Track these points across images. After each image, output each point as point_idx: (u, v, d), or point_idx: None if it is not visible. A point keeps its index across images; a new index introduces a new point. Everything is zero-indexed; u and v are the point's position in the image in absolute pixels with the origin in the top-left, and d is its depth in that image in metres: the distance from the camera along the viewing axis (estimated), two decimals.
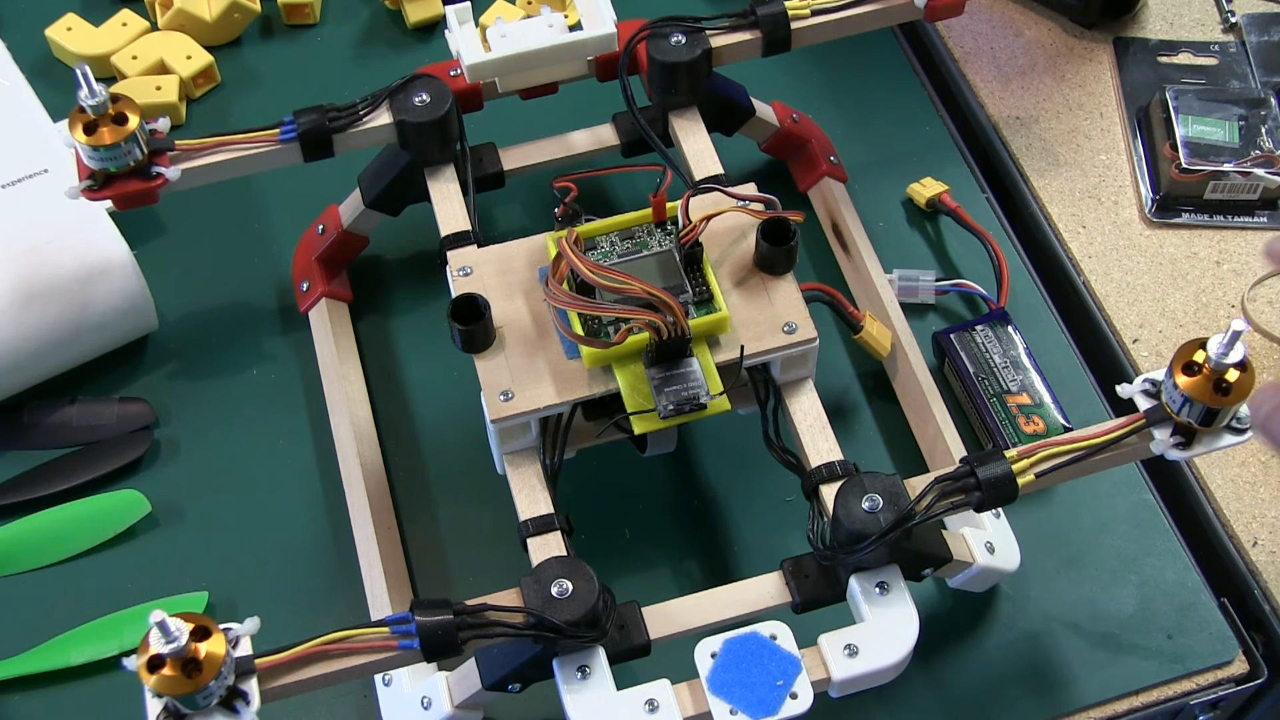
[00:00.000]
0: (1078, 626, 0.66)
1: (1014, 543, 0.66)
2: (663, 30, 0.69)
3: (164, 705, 0.49)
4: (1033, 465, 0.55)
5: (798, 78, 0.86)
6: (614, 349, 0.58)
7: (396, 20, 0.89)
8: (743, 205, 0.62)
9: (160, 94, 0.83)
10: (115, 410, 0.72)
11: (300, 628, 0.53)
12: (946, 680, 0.65)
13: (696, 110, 0.70)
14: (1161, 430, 0.55)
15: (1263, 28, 0.87)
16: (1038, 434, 0.69)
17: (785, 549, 0.61)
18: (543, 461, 0.60)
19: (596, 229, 0.62)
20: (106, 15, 0.87)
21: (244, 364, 0.75)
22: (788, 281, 0.61)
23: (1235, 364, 0.52)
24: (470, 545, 0.69)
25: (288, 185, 0.81)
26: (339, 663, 0.51)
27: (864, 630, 0.55)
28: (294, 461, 0.72)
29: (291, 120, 0.67)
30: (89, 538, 0.69)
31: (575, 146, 0.74)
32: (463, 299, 0.59)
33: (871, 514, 0.54)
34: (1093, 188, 0.81)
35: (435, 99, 0.67)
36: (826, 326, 0.71)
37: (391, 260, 0.79)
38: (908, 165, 0.82)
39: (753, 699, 0.52)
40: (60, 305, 0.70)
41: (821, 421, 0.61)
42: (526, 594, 0.54)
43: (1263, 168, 0.78)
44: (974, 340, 0.72)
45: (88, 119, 0.63)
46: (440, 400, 0.74)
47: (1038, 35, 0.89)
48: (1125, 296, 0.77)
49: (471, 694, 0.57)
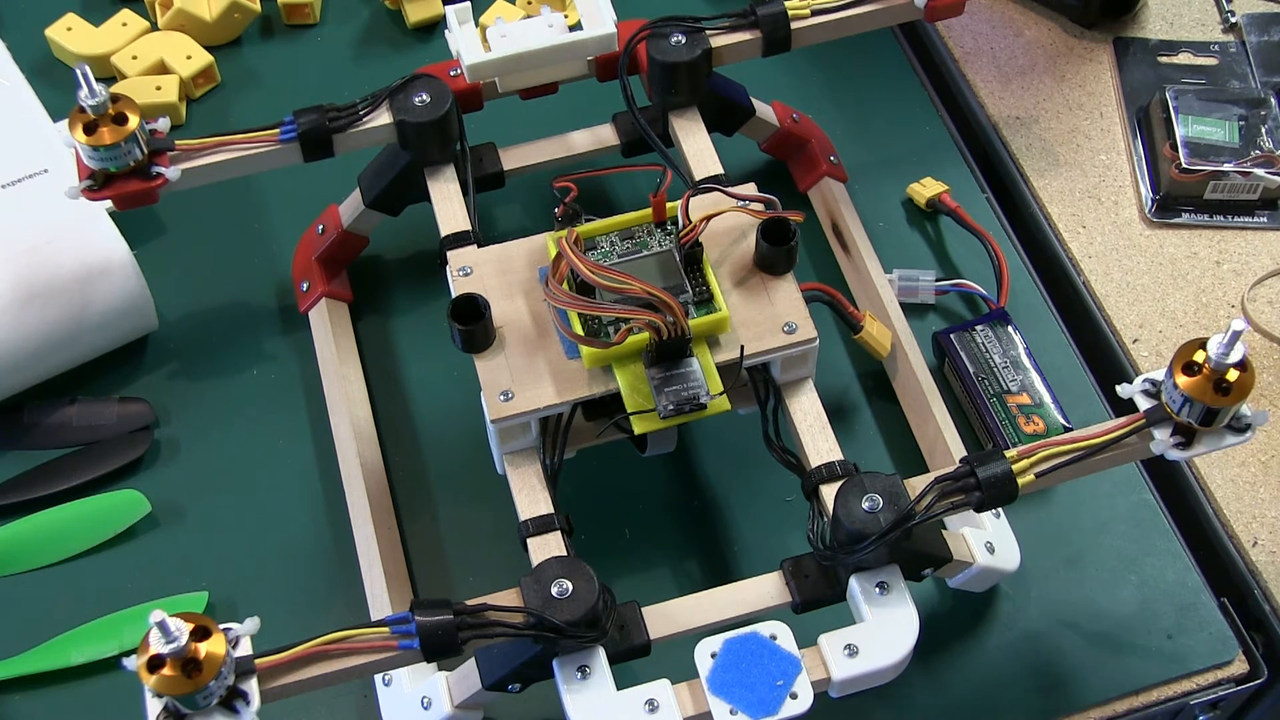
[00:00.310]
0: (1078, 626, 0.66)
1: (1014, 543, 0.66)
2: (663, 30, 0.69)
3: (164, 705, 0.49)
4: (1033, 465, 0.55)
5: (798, 78, 0.86)
6: (614, 349, 0.58)
7: (396, 20, 0.89)
8: (743, 205, 0.62)
9: (160, 94, 0.83)
10: (115, 410, 0.72)
11: (300, 628, 0.53)
12: (946, 680, 0.65)
13: (696, 110, 0.70)
14: (1161, 430, 0.55)
15: (1263, 28, 0.87)
16: (1038, 434, 0.69)
17: (785, 549, 0.61)
18: (543, 461, 0.60)
19: (596, 229, 0.62)
20: (106, 15, 0.87)
21: (244, 364, 0.75)
22: (788, 281, 0.61)
23: (1235, 364, 0.52)
24: (470, 545, 0.69)
25: (288, 185, 0.81)
26: (339, 663, 0.51)
27: (864, 630, 0.55)
28: (294, 461, 0.72)
29: (291, 120, 0.67)
30: (89, 538, 0.69)
31: (575, 146, 0.74)
32: (463, 299, 0.59)
33: (871, 514, 0.54)
34: (1093, 188, 0.81)
35: (435, 99, 0.67)
36: (826, 326, 0.71)
37: (391, 260, 0.79)
38: (908, 165, 0.82)
39: (753, 699, 0.52)
40: (60, 305, 0.70)
41: (821, 421, 0.61)
42: (526, 594, 0.54)
43: (1263, 168, 0.78)
44: (974, 340, 0.72)
45: (88, 119, 0.63)
46: (440, 400, 0.74)
47: (1038, 35, 0.89)
48: (1125, 296, 0.77)
49: (471, 694, 0.57)
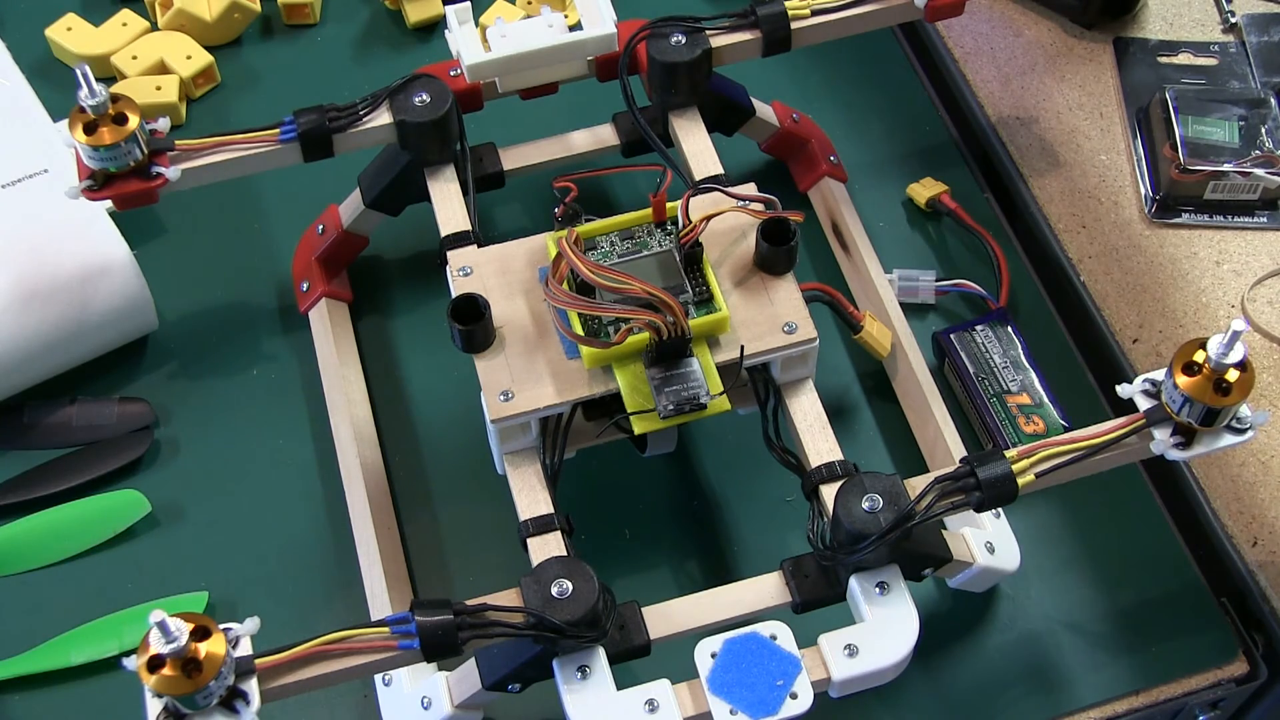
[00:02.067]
0: (1078, 626, 0.66)
1: (1014, 543, 0.66)
2: (663, 30, 0.69)
3: (164, 705, 0.49)
4: (1033, 465, 0.55)
5: (798, 78, 0.86)
6: (614, 349, 0.58)
7: (396, 20, 0.89)
8: (743, 205, 0.62)
9: (160, 94, 0.83)
10: (115, 410, 0.72)
11: (300, 628, 0.53)
12: (946, 680, 0.65)
13: (696, 110, 0.70)
14: (1161, 430, 0.55)
15: (1263, 28, 0.87)
16: (1038, 434, 0.69)
17: (785, 549, 0.61)
18: (543, 461, 0.60)
19: (596, 229, 0.62)
20: (106, 15, 0.87)
21: (244, 364, 0.75)
22: (788, 281, 0.61)
23: (1235, 364, 0.53)
24: (470, 545, 0.69)
25: (288, 185, 0.80)
26: (339, 663, 0.51)
27: (864, 630, 0.55)
28: (294, 461, 0.72)
29: (291, 120, 0.67)
30: (89, 538, 0.69)
31: (575, 146, 0.74)
32: (463, 299, 0.59)
33: (871, 514, 0.54)
34: (1093, 188, 0.81)
35: (435, 99, 0.67)
36: (826, 326, 0.71)
37: (391, 260, 0.79)
38: (908, 165, 0.82)
39: (753, 699, 0.52)
40: (60, 305, 0.70)
41: (821, 421, 0.61)
42: (526, 594, 0.54)
43: (1263, 168, 0.78)
44: (974, 340, 0.72)
45: (88, 119, 0.63)
46: (440, 400, 0.74)
47: (1038, 35, 0.89)
48: (1125, 296, 0.77)
49: (471, 694, 0.57)
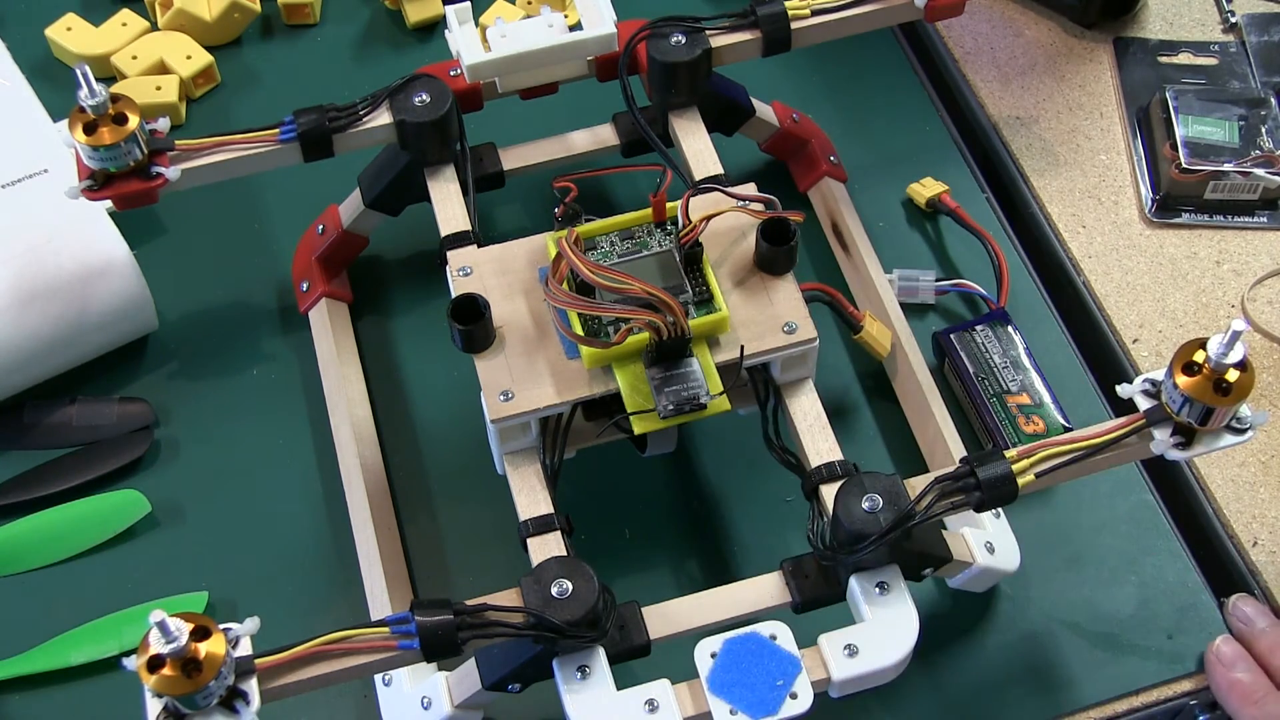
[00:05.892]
0: (1078, 626, 0.66)
1: (1014, 543, 0.66)
2: (663, 30, 0.69)
3: (164, 705, 0.49)
4: (1033, 465, 0.55)
5: (798, 78, 0.86)
6: (614, 349, 0.58)
7: (396, 20, 0.89)
8: (743, 205, 0.62)
9: (160, 94, 0.83)
10: (115, 410, 0.72)
11: (300, 628, 0.53)
12: (946, 680, 0.65)
13: (696, 110, 0.70)
14: (1161, 430, 0.55)
15: (1263, 28, 0.87)
16: (1038, 434, 0.69)
17: (785, 549, 0.60)
18: (543, 461, 0.60)
19: (596, 229, 0.62)
20: (106, 15, 0.87)
21: (244, 364, 0.75)
22: (788, 281, 0.61)
23: (1235, 364, 0.53)
24: (470, 545, 0.69)
25: (288, 185, 0.80)
26: (339, 663, 0.51)
27: (864, 630, 0.55)
28: (294, 461, 0.72)
29: (291, 120, 0.67)
30: (89, 538, 0.69)
31: (575, 146, 0.74)
32: (463, 299, 0.59)
33: (871, 514, 0.54)
34: (1093, 188, 0.81)
35: (435, 99, 0.67)
36: (826, 326, 0.71)
37: (391, 260, 0.79)
38: (908, 165, 0.82)
39: (753, 699, 0.52)
40: (60, 305, 0.70)
41: (821, 421, 0.61)
42: (526, 594, 0.54)
43: (1263, 168, 0.78)
44: (974, 340, 0.72)
45: (88, 119, 0.62)
46: (440, 400, 0.74)
47: (1038, 35, 0.89)
48: (1125, 296, 0.77)
49: (471, 694, 0.57)
